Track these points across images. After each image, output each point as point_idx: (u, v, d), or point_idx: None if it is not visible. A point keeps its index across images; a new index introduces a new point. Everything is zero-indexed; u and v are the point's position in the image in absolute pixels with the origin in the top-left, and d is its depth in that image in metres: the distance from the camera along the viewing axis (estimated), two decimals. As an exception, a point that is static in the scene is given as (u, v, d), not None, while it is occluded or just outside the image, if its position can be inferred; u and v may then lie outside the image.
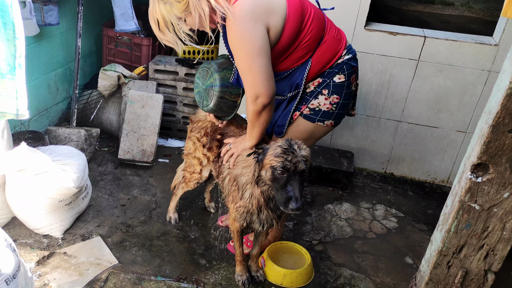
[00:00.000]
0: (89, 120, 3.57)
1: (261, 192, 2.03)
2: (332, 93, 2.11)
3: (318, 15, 2.06)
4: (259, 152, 2.00)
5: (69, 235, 2.59)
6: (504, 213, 1.27)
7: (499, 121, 1.17)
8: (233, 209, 2.21)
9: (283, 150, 1.90)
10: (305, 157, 1.92)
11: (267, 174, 1.95)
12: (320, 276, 2.56)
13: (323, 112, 2.15)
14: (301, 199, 1.87)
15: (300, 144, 1.95)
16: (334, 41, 2.09)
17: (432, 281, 1.42)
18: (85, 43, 3.75)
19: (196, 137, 2.47)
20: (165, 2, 1.92)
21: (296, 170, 1.90)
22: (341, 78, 2.11)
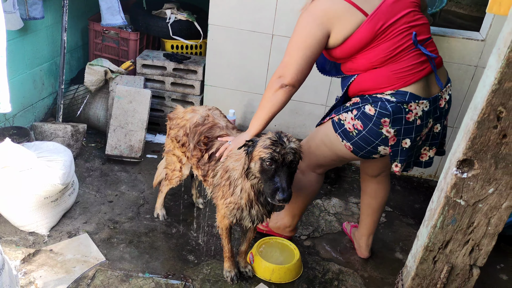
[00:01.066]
0: (75, 116, 3.53)
1: (251, 185, 2.03)
2: (358, 118, 2.05)
3: (390, 45, 1.97)
4: (249, 145, 2.00)
5: (55, 232, 2.56)
6: (489, 209, 1.28)
7: (484, 117, 1.17)
8: (222, 205, 2.19)
9: (272, 142, 1.91)
10: (294, 149, 1.93)
11: (256, 166, 1.96)
12: (308, 271, 2.57)
13: (344, 129, 2.12)
14: (288, 190, 1.88)
15: (290, 137, 1.96)
16: (387, 76, 1.99)
17: (418, 276, 1.43)
18: (71, 37, 3.70)
19: (174, 136, 2.44)
20: None
21: (284, 161, 1.91)
22: (371, 110, 2.01)
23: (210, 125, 2.32)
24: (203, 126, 2.32)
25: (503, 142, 1.19)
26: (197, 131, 2.33)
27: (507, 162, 1.21)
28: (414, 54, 1.98)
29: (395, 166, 2.12)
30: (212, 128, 2.31)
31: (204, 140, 2.28)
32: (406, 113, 1.98)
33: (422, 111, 2.01)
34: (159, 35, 3.81)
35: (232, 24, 3.32)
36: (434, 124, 2.13)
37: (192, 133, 2.35)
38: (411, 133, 2.02)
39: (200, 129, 2.32)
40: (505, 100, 1.14)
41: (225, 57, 3.43)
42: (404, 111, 1.98)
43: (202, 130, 2.31)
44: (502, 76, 1.11)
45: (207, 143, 2.27)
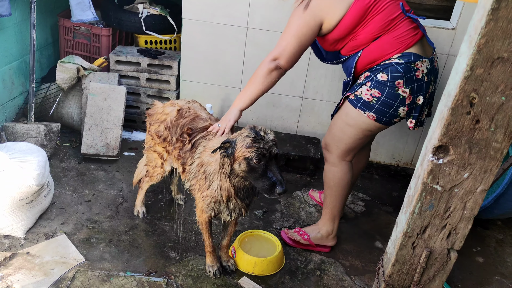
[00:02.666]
0: (48, 115, 3.44)
1: (232, 184, 2.02)
2: (374, 87, 2.21)
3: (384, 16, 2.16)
4: (226, 147, 1.97)
5: (32, 235, 2.50)
6: (465, 193, 1.31)
7: (458, 104, 1.19)
8: (199, 198, 2.18)
9: (253, 139, 1.91)
10: (274, 141, 1.95)
11: (242, 167, 1.94)
12: (290, 262, 2.58)
13: (363, 101, 2.25)
14: (284, 181, 1.91)
15: (265, 129, 1.98)
16: (390, 43, 2.17)
17: (398, 262, 1.45)
18: (40, 34, 3.60)
19: (155, 132, 2.42)
20: None
21: (271, 154, 1.92)
22: (384, 77, 2.19)
23: (192, 117, 2.30)
24: (184, 118, 2.31)
25: (476, 127, 1.22)
26: (179, 124, 2.31)
27: (480, 147, 1.24)
28: (406, 21, 2.18)
29: (409, 123, 2.29)
30: (195, 120, 2.29)
31: (187, 131, 2.26)
32: (415, 71, 2.17)
33: (426, 68, 2.20)
34: (132, 30, 3.75)
35: (206, 17, 3.29)
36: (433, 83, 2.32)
37: (174, 127, 2.33)
38: (422, 90, 2.21)
39: (182, 121, 2.30)
40: (477, 86, 1.16)
41: (200, 51, 3.40)
42: (413, 70, 2.16)
43: (184, 123, 2.29)
44: (474, 63, 1.14)
45: (191, 134, 2.26)
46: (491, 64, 1.13)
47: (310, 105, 3.49)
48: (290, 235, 2.66)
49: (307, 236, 2.63)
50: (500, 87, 1.16)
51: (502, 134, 1.21)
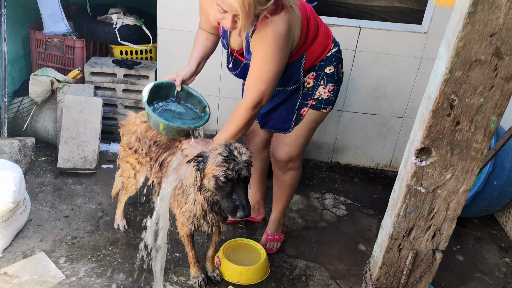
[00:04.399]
0: (22, 130, 3.35)
1: (204, 198, 2.00)
2: (327, 82, 2.30)
3: (314, 15, 2.21)
4: (198, 160, 1.93)
5: (8, 254, 2.42)
6: (448, 194, 1.33)
7: (439, 106, 1.21)
8: (179, 214, 2.16)
9: (224, 159, 1.86)
10: (247, 162, 1.91)
11: (211, 183, 1.92)
12: (276, 269, 2.57)
13: (325, 100, 2.33)
14: (248, 206, 1.89)
15: (240, 148, 1.92)
16: (324, 36, 2.24)
17: (385, 265, 1.46)
18: (11, 47, 3.50)
19: (127, 143, 2.39)
20: None
21: (240, 177, 1.88)
22: (331, 69, 2.29)
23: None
24: (153, 130, 2.27)
25: (457, 129, 1.24)
26: (148, 136, 2.28)
27: (461, 148, 1.26)
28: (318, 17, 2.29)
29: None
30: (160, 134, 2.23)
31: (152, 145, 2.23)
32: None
33: None
34: (106, 41, 3.69)
35: (181, 26, 3.27)
36: None
37: (143, 138, 2.30)
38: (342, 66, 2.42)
39: (151, 133, 2.27)
40: (457, 89, 1.19)
41: (177, 61, 3.37)
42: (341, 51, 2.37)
43: (152, 135, 2.26)
44: (453, 66, 1.16)
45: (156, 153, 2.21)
46: (469, 66, 1.16)
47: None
48: None
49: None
50: (479, 89, 1.18)
51: (482, 134, 1.24)
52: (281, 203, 2.68)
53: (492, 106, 1.20)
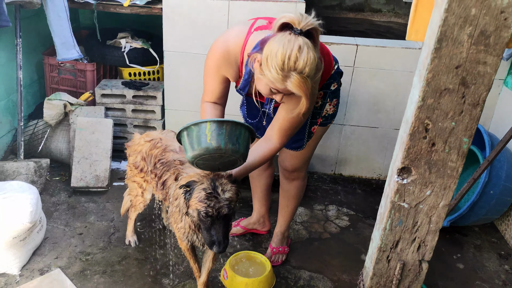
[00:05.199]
0: (37, 151, 3.52)
1: (191, 221, 2.08)
2: (332, 98, 2.39)
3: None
4: (185, 190, 1.99)
5: (26, 271, 2.57)
6: (429, 208, 1.44)
7: (415, 130, 1.33)
8: (176, 230, 2.25)
9: (207, 195, 1.91)
10: (229, 200, 1.94)
11: (193, 214, 1.99)
12: (281, 280, 2.68)
13: (330, 116, 2.46)
14: (224, 242, 1.95)
15: (225, 185, 1.95)
16: (327, 58, 2.26)
17: (375, 275, 1.57)
18: (26, 73, 3.70)
19: (133, 163, 2.52)
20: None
21: (219, 215, 1.93)
22: (335, 85, 2.37)
23: (163, 148, 2.35)
24: (156, 149, 2.36)
25: (432, 150, 1.36)
26: (152, 154, 2.38)
27: (438, 167, 1.38)
28: None
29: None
30: (165, 151, 2.33)
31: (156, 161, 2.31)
32: None
33: None
34: (115, 64, 3.87)
35: (185, 49, 3.43)
36: None
37: (148, 157, 2.40)
38: None
39: (155, 152, 2.36)
40: (430, 114, 1.31)
41: (182, 81, 3.54)
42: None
43: (156, 154, 2.36)
44: (424, 94, 1.28)
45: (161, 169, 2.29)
46: (439, 94, 1.28)
47: (291, 126, 3.63)
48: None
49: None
50: (450, 114, 1.30)
51: (455, 154, 1.35)
52: (286, 215, 2.80)
53: (463, 129, 1.31)
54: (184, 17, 3.34)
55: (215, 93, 2.28)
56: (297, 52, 1.71)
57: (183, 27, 3.36)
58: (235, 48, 2.11)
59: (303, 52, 1.72)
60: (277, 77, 1.78)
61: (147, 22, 4.15)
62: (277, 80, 1.79)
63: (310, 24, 1.77)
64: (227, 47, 2.12)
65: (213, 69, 2.19)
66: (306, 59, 1.72)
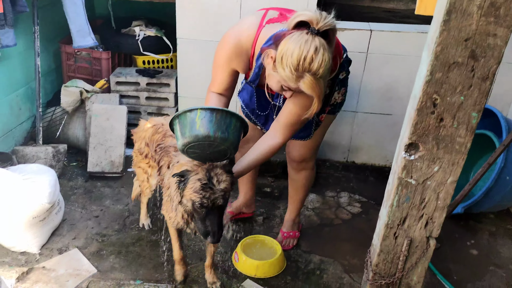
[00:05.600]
0: (55, 137, 3.61)
1: (184, 210, 2.06)
2: (341, 87, 2.37)
3: None
4: (180, 180, 1.96)
5: (46, 250, 2.65)
6: (437, 185, 1.45)
7: (423, 105, 1.34)
8: (166, 218, 2.26)
9: (202, 186, 1.88)
10: (224, 190, 1.92)
11: (188, 204, 1.97)
12: (291, 264, 2.71)
13: (339, 104, 2.45)
14: (218, 232, 1.94)
15: (220, 175, 1.92)
16: (337, 48, 2.20)
17: (383, 252, 1.59)
18: (43, 61, 3.78)
19: (138, 149, 2.54)
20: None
21: (214, 205, 1.91)
22: (343, 74, 2.35)
23: (163, 133, 2.34)
24: (158, 134, 2.36)
25: (441, 125, 1.36)
26: (154, 140, 2.38)
27: (446, 143, 1.38)
28: None
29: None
30: (165, 136, 2.31)
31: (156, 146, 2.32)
32: None
33: None
34: (130, 52, 3.93)
35: (198, 36, 3.46)
36: None
37: (151, 143, 2.40)
38: None
39: (156, 137, 2.36)
40: (438, 89, 1.31)
41: (195, 68, 3.57)
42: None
43: (157, 139, 2.35)
44: (433, 68, 1.29)
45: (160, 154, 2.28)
46: (448, 68, 1.28)
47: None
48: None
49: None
50: (458, 88, 1.30)
51: (464, 129, 1.36)
52: (296, 203, 2.82)
53: (472, 104, 1.31)
54: (196, 4, 3.36)
55: (223, 85, 2.25)
56: (313, 53, 1.71)
57: (195, 14, 3.39)
58: (247, 41, 2.08)
59: (319, 54, 1.71)
60: (291, 76, 1.77)
61: (160, 10, 4.19)
62: (290, 79, 1.79)
63: (328, 24, 1.75)
64: (239, 40, 2.08)
65: (224, 62, 2.16)
66: (321, 61, 1.72)
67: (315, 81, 1.75)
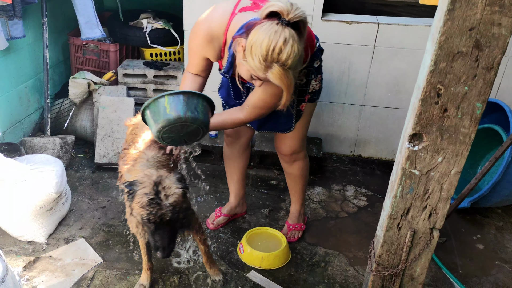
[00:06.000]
0: (63, 128, 3.64)
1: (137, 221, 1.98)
2: (317, 74, 2.37)
3: None
4: (128, 191, 1.87)
5: (52, 240, 2.68)
6: (440, 176, 1.44)
7: (426, 95, 1.33)
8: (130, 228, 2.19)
9: (148, 202, 1.79)
10: (173, 205, 1.82)
11: (137, 217, 1.89)
12: (296, 256, 2.72)
13: (317, 91, 2.44)
14: (168, 247, 1.86)
15: (168, 189, 1.82)
16: (309, 37, 2.23)
17: (386, 243, 1.58)
18: (52, 53, 3.81)
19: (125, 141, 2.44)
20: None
21: (162, 221, 1.82)
22: (318, 62, 2.35)
23: (134, 133, 2.28)
24: (131, 135, 2.31)
25: (444, 115, 1.35)
26: (127, 140, 2.33)
27: (450, 133, 1.37)
28: None
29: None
30: (136, 136, 2.23)
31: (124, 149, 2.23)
32: None
33: None
34: (137, 44, 3.94)
35: (206, 29, 3.46)
36: None
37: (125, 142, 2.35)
38: None
39: (129, 138, 2.31)
40: (442, 78, 1.30)
41: (203, 61, 3.57)
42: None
43: (128, 140, 2.30)
44: (437, 58, 1.28)
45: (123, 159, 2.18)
46: (452, 58, 1.27)
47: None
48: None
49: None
50: (462, 78, 1.29)
51: (468, 120, 1.35)
52: (297, 194, 2.82)
53: (476, 94, 1.30)
54: (204, -4, 3.37)
55: (198, 68, 2.25)
56: (282, 44, 1.70)
57: (203, 6, 3.37)
58: (218, 28, 2.05)
59: (288, 45, 1.71)
60: (260, 66, 1.77)
61: (168, 3, 4.21)
62: (259, 69, 1.79)
63: (298, 16, 1.75)
64: (210, 28, 2.06)
65: (196, 49, 2.16)
66: (290, 52, 1.72)
67: (283, 72, 1.75)
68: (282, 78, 1.77)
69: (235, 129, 2.66)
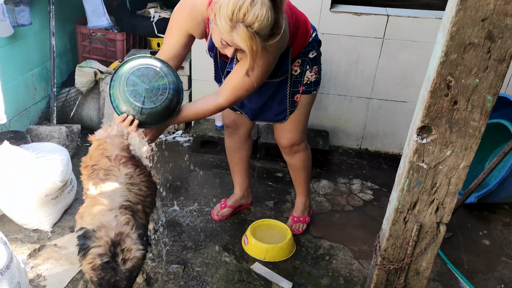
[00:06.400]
0: (69, 117, 3.64)
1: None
2: (313, 65, 2.35)
3: (292, 7, 2.21)
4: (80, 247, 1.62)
5: (58, 228, 2.69)
6: (448, 169, 1.41)
7: (436, 87, 1.30)
8: None
9: (101, 265, 1.56)
10: (131, 270, 1.61)
11: (88, 277, 1.66)
12: (301, 248, 2.71)
13: (314, 82, 2.41)
14: None
15: (128, 251, 1.61)
16: (304, 25, 2.26)
17: (392, 236, 1.57)
18: (59, 41, 3.80)
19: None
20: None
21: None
22: (314, 53, 2.33)
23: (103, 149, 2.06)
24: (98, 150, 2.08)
25: (454, 108, 1.33)
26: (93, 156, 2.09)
27: (459, 126, 1.35)
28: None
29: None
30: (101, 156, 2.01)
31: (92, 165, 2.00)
32: None
33: None
34: (144, 34, 3.92)
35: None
36: None
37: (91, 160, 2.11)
38: None
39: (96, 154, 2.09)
40: (452, 70, 1.27)
41: (210, 51, 3.55)
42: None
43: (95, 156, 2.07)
44: (448, 49, 1.25)
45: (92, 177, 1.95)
46: (463, 49, 1.24)
47: (317, 99, 3.60)
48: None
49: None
50: (474, 70, 1.26)
51: (478, 113, 1.32)
52: (301, 186, 2.80)
53: (487, 86, 1.28)
54: (212, -14, 3.33)
55: (170, 51, 2.11)
56: (249, 4, 1.64)
57: (211, -4, 3.36)
58: (202, 5, 2.01)
59: (255, 6, 1.64)
60: (226, 27, 1.69)
61: (176, -7, 4.17)
62: (225, 31, 1.70)
63: None
64: (194, 4, 2.02)
65: (177, 25, 2.08)
66: (257, 14, 1.65)
67: (248, 33, 1.68)
68: (245, 39, 1.68)
69: (233, 120, 2.65)
